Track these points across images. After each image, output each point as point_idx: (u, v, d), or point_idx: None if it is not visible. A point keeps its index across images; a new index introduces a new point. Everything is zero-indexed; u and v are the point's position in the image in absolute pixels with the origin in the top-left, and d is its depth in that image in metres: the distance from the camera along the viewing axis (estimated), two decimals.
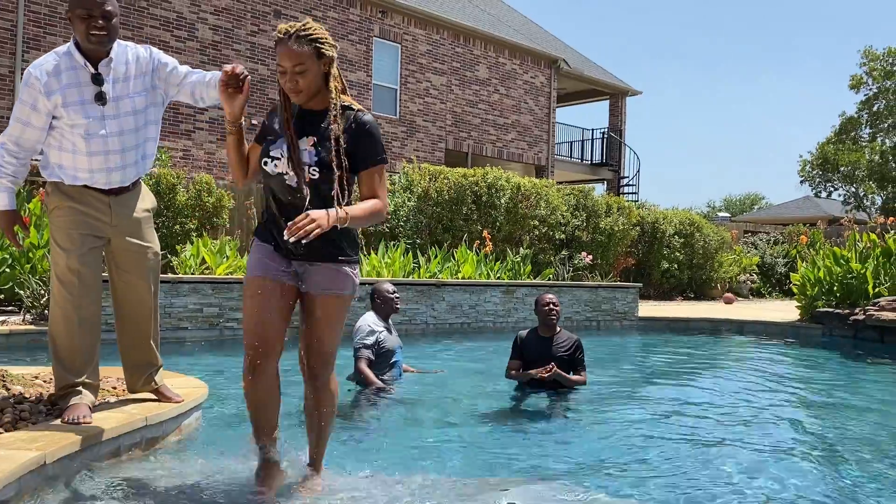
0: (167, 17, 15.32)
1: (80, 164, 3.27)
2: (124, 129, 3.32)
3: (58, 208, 3.31)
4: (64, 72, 3.22)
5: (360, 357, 5.23)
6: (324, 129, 2.80)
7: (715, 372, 7.48)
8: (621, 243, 14.91)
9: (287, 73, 2.75)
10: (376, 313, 5.47)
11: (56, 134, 3.27)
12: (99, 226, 3.35)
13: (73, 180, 3.30)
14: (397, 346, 5.51)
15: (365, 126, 2.87)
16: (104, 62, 3.27)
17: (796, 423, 4.95)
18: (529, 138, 22.83)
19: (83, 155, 3.26)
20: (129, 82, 3.35)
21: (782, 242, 20.65)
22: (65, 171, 3.29)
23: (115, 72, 3.31)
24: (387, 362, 5.38)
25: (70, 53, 3.25)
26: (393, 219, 12.12)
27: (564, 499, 3.14)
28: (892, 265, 10.23)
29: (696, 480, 3.48)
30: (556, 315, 5.35)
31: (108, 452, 3.21)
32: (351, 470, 3.44)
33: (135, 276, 3.49)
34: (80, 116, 3.21)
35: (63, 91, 3.19)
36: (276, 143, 2.85)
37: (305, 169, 2.76)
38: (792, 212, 36.33)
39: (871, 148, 30.66)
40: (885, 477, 3.62)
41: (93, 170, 3.29)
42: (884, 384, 6.80)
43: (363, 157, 2.86)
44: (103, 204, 3.35)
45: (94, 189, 3.32)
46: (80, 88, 3.22)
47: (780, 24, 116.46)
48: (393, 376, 5.39)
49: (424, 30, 19.95)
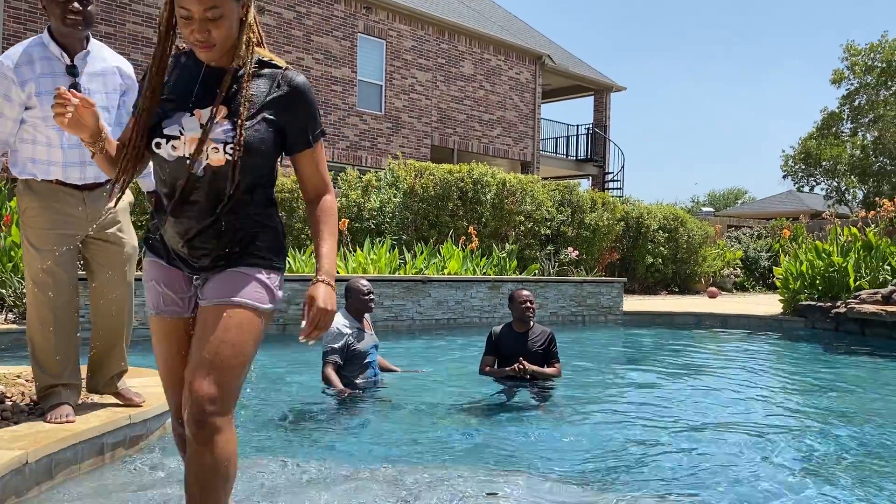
0: (149, 13, 15.21)
1: (54, 156, 3.20)
2: None
3: (30, 208, 3.22)
4: (37, 61, 3.14)
5: (325, 362, 5.09)
6: (237, 94, 2.11)
7: (698, 365, 7.55)
8: (606, 238, 14.97)
9: (193, 19, 2.04)
10: (347, 311, 5.28)
11: (28, 127, 3.19)
12: (73, 223, 3.27)
13: (46, 174, 3.21)
14: (370, 346, 5.34)
15: (300, 89, 2.17)
16: (80, 55, 3.24)
17: (778, 415, 5.00)
18: (515, 134, 22.87)
19: (57, 147, 3.19)
20: (105, 79, 3.33)
21: (765, 237, 20.82)
22: (38, 166, 3.21)
23: (91, 66, 3.28)
24: (359, 364, 5.23)
25: (44, 44, 3.18)
26: (379, 215, 12.11)
27: (545, 491, 3.16)
28: (873, 258, 10.35)
29: (679, 470, 3.51)
30: (532, 312, 5.37)
31: (92, 451, 3.20)
32: (325, 468, 3.45)
33: (113, 273, 3.43)
34: None
35: (37, 80, 3.12)
36: (172, 117, 2.13)
37: (221, 148, 2.08)
38: (775, 206, 36.63)
39: (852, 142, 30.94)
40: (865, 467, 3.67)
41: (67, 163, 3.22)
42: (865, 376, 6.88)
43: (302, 130, 2.19)
44: (77, 200, 3.27)
45: (68, 185, 3.25)
46: (55, 78, 3.15)
47: (764, 20, 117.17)
48: (367, 377, 5.25)
49: (409, 25, 19.92)
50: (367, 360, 5.28)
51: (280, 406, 4.80)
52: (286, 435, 4.07)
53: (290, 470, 3.35)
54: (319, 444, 3.92)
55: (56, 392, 3.27)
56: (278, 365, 6.65)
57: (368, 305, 5.31)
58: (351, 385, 5.11)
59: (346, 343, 5.16)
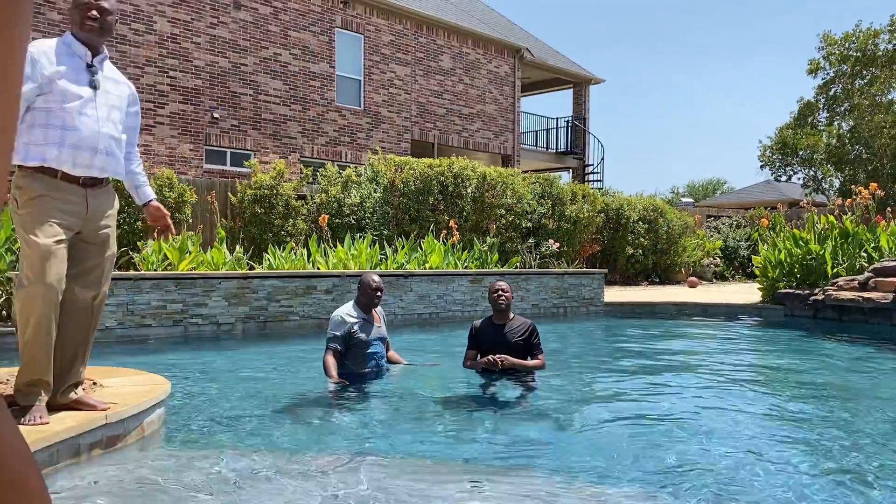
0: (124, 10, 15.01)
1: (68, 139, 3.28)
2: (111, 119, 3.47)
3: (32, 199, 3.24)
4: (62, 55, 3.35)
5: (327, 349, 5.23)
6: None
7: (679, 355, 7.60)
8: (587, 230, 15.03)
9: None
10: (356, 303, 5.44)
11: (41, 113, 3.25)
12: (72, 218, 3.32)
13: (57, 158, 3.26)
14: (376, 338, 5.43)
15: None
16: (99, 57, 3.48)
17: (760, 403, 5.05)
18: (495, 128, 22.87)
19: (72, 130, 3.29)
20: (118, 85, 3.59)
21: (744, 226, 20.99)
22: (49, 149, 3.25)
23: (107, 71, 3.53)
24: (361, 354, 5.32)
25: (68, 44, 3.41)
26: (359, 210, 12.07)
27: (526, 485, 3.17)
28: (850, 246, 10.47)
29: (664, 463, 3.53)
30: (504, 301, 5.38)
31: (69, 452, 3.16)
32: (316, 456, 3.43)
33: (92, 276, 3.44)
34: (75, 94, 3.30)
35: (58, 67, 3.31)
36: None
37: None
38: (754, 196, 36.92)
39: (828, 132, 31.25)
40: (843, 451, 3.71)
41: (80, 146, 3.30)
42: (841, 362, 6.96)
43: None
44: (80, 196, 3.35)
45: (71, 180, 3.31)
46: (76, 71, 3.36)
47: (741, 10, 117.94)
48: (369, 368, 5.34)
49: (387, 20, 19.83)
50: (369, 351, 5.36)
51: (257, 403, 4.77)
52: (263, 432, 4.04)
53: (263, 468, 3.33)
54: (293, 441, 3.90)
55: (37, 390, 3.25)
56: (256, 361, 6.62)
57: (374, 301, 5.41)
58: (350, 374, 5.17)
59: (349, 331, 5.26)
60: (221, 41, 16.44)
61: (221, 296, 8.20)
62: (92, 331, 3.52)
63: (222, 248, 9.43)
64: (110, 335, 7.43)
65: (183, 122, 15.86)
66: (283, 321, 8.61)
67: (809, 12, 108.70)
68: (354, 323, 5.31)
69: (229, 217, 11.81)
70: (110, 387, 4.00)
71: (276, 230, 11.44)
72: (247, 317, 8.36)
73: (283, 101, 17.47)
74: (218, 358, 6.89)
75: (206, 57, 16.21)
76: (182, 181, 11.21)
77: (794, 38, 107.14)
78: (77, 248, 3.40)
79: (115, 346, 7.13)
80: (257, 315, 8.45)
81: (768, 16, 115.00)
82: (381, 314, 5.69)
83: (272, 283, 8.60)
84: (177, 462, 3.42)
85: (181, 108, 15.82)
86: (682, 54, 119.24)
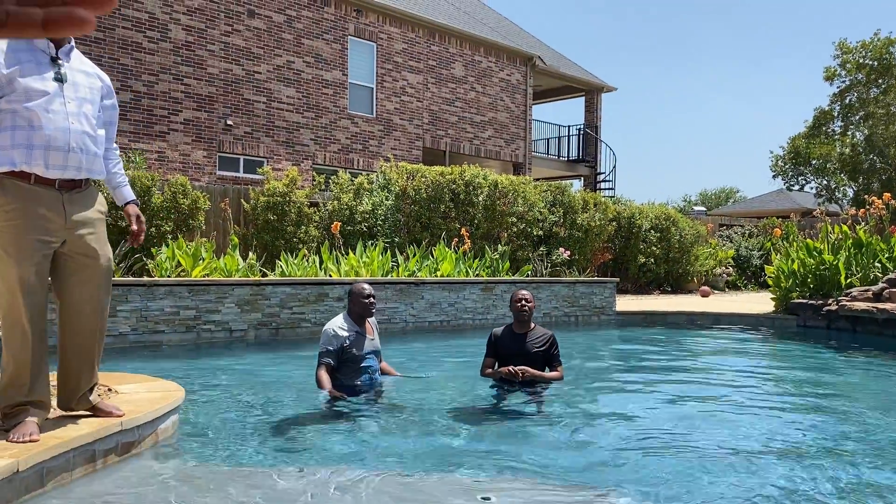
0: (139, 18, 15.16)
1: (37, 139, 3.06)
2: (83, 113, 3.23)
3: (8, 213, 3.04)
4: (21, 51, 3.12)
5: (319, 364, 5.07)
6: None
7: (691, 365, 7.56)
8: (598, 238, 14.99)
9: None
10: (348, 315, 5.26)
11: (6, 115, 3.06)
12: (52, 228, 3.12)
13: (28, 159, 3.04)
14: (368, 351, 5.26)
15: None
16: (64, 49, 3.24)
17: (770, 414, 5.02)
18: (506, 135, 22.89)
19: (40, 129, 3.07)
20: (88, 77, 3.33)
21: (757, 235, 20.88)
22: (18, 151, 3.04)
23: (74, 62, 3.29)
24: (354, 368, 5.17)
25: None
26: (371, 218, 12.10)
27: (539, 495, 3.16)
28: (864, 256, 10.40)
29: (675, 473, 3.52)
30: (526, 311, 5.33)
31: (83, 458, 3.19)
32: (326, 467, 3.44)
33: (88, 286, 3.27)
34: (40, 90, 3.08)
35: (21, 64, 3.08)
36: None
37: None
38: (766, 205, 36.75)
39: (842, 141, 31.08)
40: (852, 464, 3.69)
41: (51, 146, 3.08)
42: (855, 373, 6.91)
43: None
44: (56, 202, 3.14)
45: (46, 184, 3.11)
46: (39, 65, 3.13)
47: (755, 18, 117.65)
48: (362, 381, 5.20)
49: (400, 28, 19.92)
50: (362, 365, 5.21)
51: (271, 410, 4.79)
52: (277, 441, 4.06)
53: (276, 476, 3.35)
54: (306, 450, 3.91)
55: (24, 410, 3.12)
56: (269, 368, 6.64)
57: (368, 309, 5.23)
58: (343, 388, 5.06)
59: (341, 345, 5.11)
60: (235, 49, 16.56)
61: (234, 302, 8.24)
62: (99, 336, 3.38)
63: (235, 254, 9.49)
64: (124, 341, 7.49)
65: (196, 128, 15.97)
66: (295, 328, 8.64)
67: (824, 21, 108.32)
68: (347, 337, 5.12)
69: (242, 224, 11.87)
70: (125, 393, 4.03)
71: (289, 237, 11.49)
72: (259, 323, 8.40)
73: (295, 109, 17.56)
74: (230, 365, 6.92)
75: (220, 64, 16.33)
76: (196, 188, 11.28)
77: (809, 47, 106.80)
78: (65, 259, 3.22)
79: (128, 352, 7.18)
80: (270, 322, 8.48)
81: (782, 25, 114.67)
82: (375, 325, 5.50)
83: (284, 290, 8.63)
84: (190, 470, 3.44)
85: (195, 115, 15.94)
86: (695, 62, 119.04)
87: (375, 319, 5.59)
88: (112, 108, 3.49)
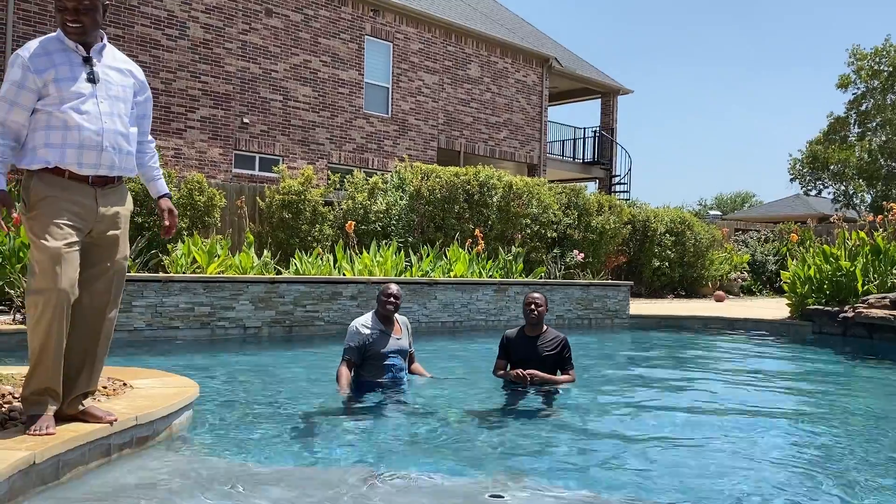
0: (158, 16, 15.26)
1: (70, 139, 3.15)
2: (115, 112, 3.29)
3: (42, 199, 3.12)
4: (55, 52, 3.20)
5: (342, 360, 5.19)
6: None
7: (705, 370, 7.52)
8: (612, 241, 14.94)
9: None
10: (375, 313, 5.38)
11: (42, 115, 3.16)
12: (85, 216, 3.18)
13: (61, 158, 3.14)
14: (393, 350, 5.32)
15: None
16: (96, 48, 3.30)
17: (783, 421, 4.98)
18: (521, 137, 22.86)
19: (74, 129, 3.16)
20: (119, 74, 3.38)
21: (773, 240, 20.74)
22: (52, 150, 3.13)
23: (107, 59, 3.35)
24: (377, 366, 5.25)
25: (60, 39, 3.24)
26: (385, 217, 12.12)
27: (550, 497, 3.15)
28: (882, 263, 10.30)
29: (688, 479, 3.50)
30: (536, 314, 5.33)
31: (99, 452, 3.21)
32: (339, 465, 3.45)
33: (104, 280, 3.28)
34: (74, 92, 3.17)
35: (56, 67, 3.16)
36: None
37: None
38: (783, 210, 36.48)
39: (860, 146, 30.82)
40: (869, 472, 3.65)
41: (84, 145, 3.16)
42: (872, 382, 6.84)
43: None
44: (89, 196, 3.22)
45: (80, 179, 3.19)
46: (72, 67, 3.20)
47: (772, 22, 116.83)
48: (386, 379, 5.26)
49: (416, 28, 19.94)
50: (385, 363, 5.28)
51: (283, 407, 4.81)
52: (288, 437, 4.07)
53: (287, 472, 3.36)
54: (317, 447, 3.92)
55: (45, 399, 3.12)
56: (283, 365, 6.66)
57: (386, 307, 5.33)
58: (364, 384, 5.15)
59: (363, 343, 5.22)
60: (253, 47, 16.64)
61: (249, 300, 8.27)
62: (104, 339, 3.33)
63: (250, 252, 9.53)
64: (139, 336, 7.54)
65: (213, 126, 16.06)
66: (308, 326, 8.67)
67: (840, 25, 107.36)
68: (370, 335, 5.23)
69: (257, 222, 11.93)
70: (140, 388, 4.06)
71: (304, 235, 11.52)
72: (273, 321, 8.43)
73: (311, 108, 17.62)
74: (244, 361, 6.95)
75: (238, 63, 16.41)
76: (212, 185, 11.34)
77: (826, 50, 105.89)
78: (86, 250, 3.24)
79: (143, 347, 7.23)
80: (283, 319, 8.51)
81: (799, 28, 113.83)
82: (405, 325, 5.56)
83: (299, 288, 8.66)
84: (203, 465, 3.46)
85: (212, 113, 16.03)
86: (712, 66, 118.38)
87: (407, 320, 5.66)
88: (146, 102, 3.53)
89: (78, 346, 3.26)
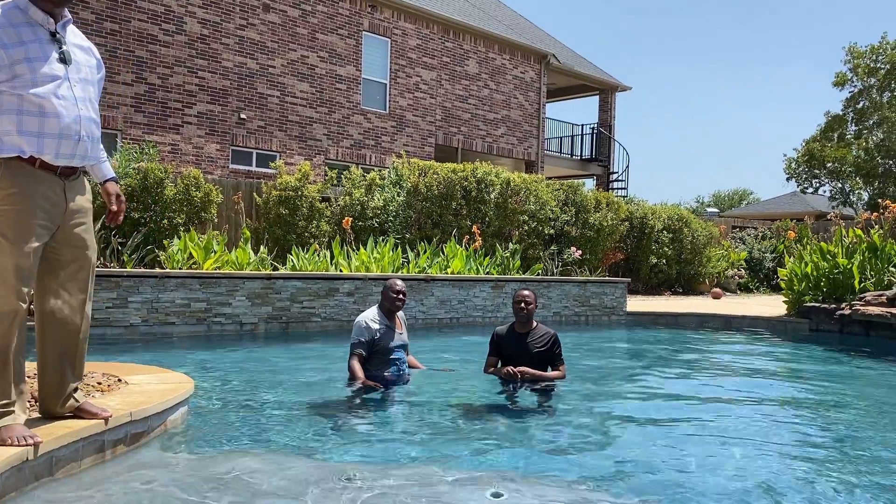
0: (155, 10, 15.21)
1: (49, 127, 2.89)
2: (87, 97, 3.06)
3: (9, 193, 2.85)
4: (20, 25, 2.89)
5: (352, 354, 5.26)
6: None
7: (701, 367, 7.52)
8: (610, 238, 14.94)
9: None
10: (380, 308, 5.46)
11: (12, 97, 2.85)
12: (54, 213, 2.96)
13: (38, 148, 2.88)
14: (397, 344, 5.44)
15: None
16: (63, 22, 3.04)
17: (780, 417, 4.98)
18: (519, 133, 22.84)
19: (53, 117, 2.90)
20: (84, 54, 3.14)
21: (770, 237, 20.75)
22: (26, 138, 2.86)
23: (73, 37, 3.10)
24: (383, 360, 5.35)
25: (23, 9, 2.92)
26: (382, 214, 12.10)
27: (548, 492, 3.15)
28: (878, 260, 10.31)
29: (682, 475, 3.49)
30: (526, 312, 5.34)
31: (93, 448, 3.19)
32: (337, 460, 3.44)
33: (79, 278, 3.11)
34: (46, 74, 2.89)
35: (25, 45, 2.87)
36: None
37: None
38: (780, 207, 36.50)
39: (857, 144, 30.86)
40: (863, 471, 3.65)
41: (63, 134, 2.92)
42: (869, 379, 6.85)
43: None
44: (58, 188, 2.98)
45: (49, 170, 2.94)
46: (42, 45, 2.92)
47: (769, 19, 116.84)
48: (392, 374, 5.35)
49: (414, 24, 19.89)
50: (391, 357, 5.38)
51: (279, 403, 4.80)
52: (283, 432, 4.06)
53: (282, 467, 3.35)
54: (314, 441, 3.91)
55: (10, 410, 2.87)
56: (279, 361, 6.65)
57: (395, 304, 5.41)
58: (372, 379, 5.18)
59: (372, 338, 5.28)
60: (250, 43, 16.59)
61: (245, 296, 8.26)
62: (83, 336, 3.18)
63: (247, 248, 9.51)
64: (134, 332, 7.52)
65: (210, 122, 16.01)
66: (305, 322, 8.65)
67: (837, 22, 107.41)
68: (378, 330, 5.32)
69: (254, 217, 11.90)
70: (135, 384, 4.04)
71: (300, 231, 11.50)
72: (269, 317, 8.42)
73: (309, 104, 17.58)
74: (241, 358, 6.94)
75: (235, 58, 16.36)
76: (208, 181, 11.31)
77: (823, 48, 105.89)
78: (56, 252, 3.03)
79: (138, 343, 7.21)
80: (280, 315, 8.50)
81: (797, 25, 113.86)
82: (403, 320, 5.71)
83: (295, 284, 8.65)
84: (198, 461, 3.45)
85: (209, 108, 15.98)
86: (711, 63, 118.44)
87: (404, 315, 5.79)
88: (101, 79, 3.27)
89: (58, 350, 3.11)
